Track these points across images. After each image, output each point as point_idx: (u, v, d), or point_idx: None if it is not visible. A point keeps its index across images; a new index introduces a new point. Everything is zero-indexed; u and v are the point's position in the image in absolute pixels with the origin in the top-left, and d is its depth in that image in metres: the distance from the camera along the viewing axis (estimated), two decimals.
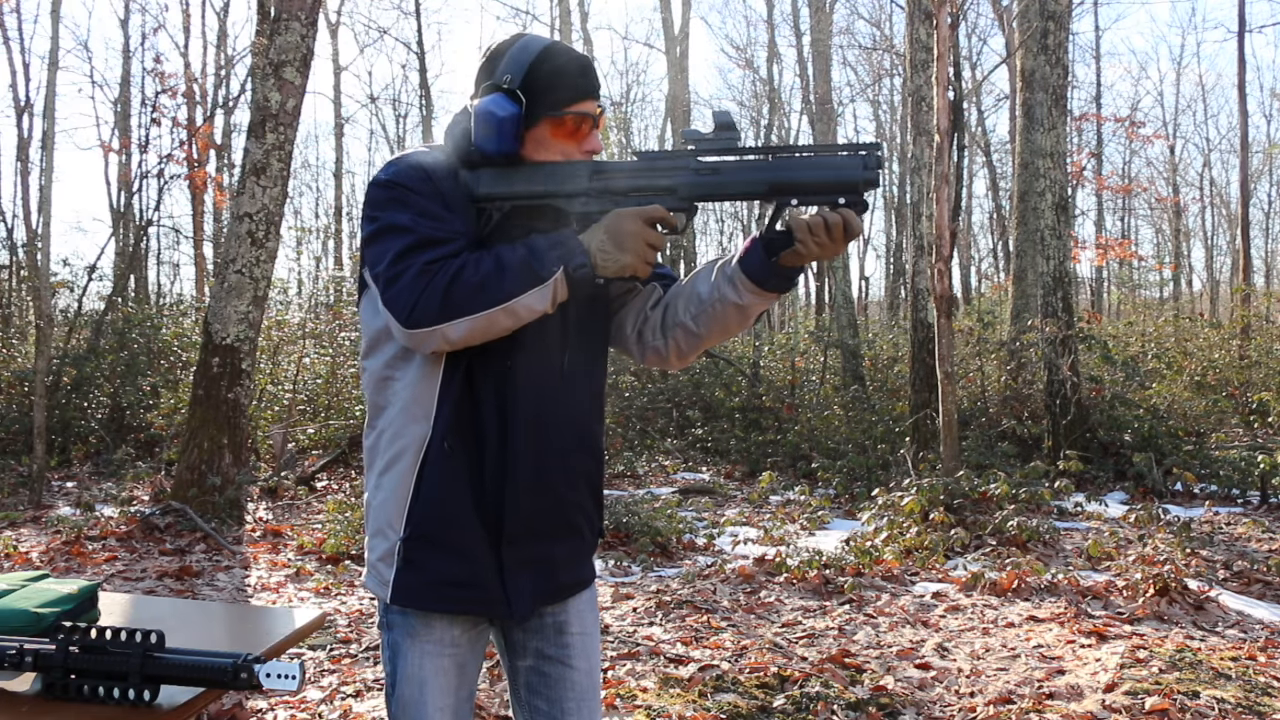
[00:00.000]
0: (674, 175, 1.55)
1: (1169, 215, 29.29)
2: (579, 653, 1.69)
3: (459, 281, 1.44)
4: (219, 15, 23.13)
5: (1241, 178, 17.06)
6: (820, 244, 1.48)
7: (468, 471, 1.54)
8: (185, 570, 5.24)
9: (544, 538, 1.60)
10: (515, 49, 1.58)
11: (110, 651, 1.43)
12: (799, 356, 13.08)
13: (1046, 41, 9.51)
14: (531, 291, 1.46)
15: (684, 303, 1.64)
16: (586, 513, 1.68)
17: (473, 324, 1.45)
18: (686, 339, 1.65)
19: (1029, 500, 6.48)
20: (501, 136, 1.53)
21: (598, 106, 1.61)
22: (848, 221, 1.47)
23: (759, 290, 1.56)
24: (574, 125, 1.58)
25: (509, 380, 1.55)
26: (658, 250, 1.52)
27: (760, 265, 1.55)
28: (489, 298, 1.44)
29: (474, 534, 1.54)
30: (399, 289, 1.45)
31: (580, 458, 1.64)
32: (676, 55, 18.80)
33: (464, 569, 1.55)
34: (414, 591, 1.55)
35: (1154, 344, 14.26)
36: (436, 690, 1.58)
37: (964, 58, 21.78)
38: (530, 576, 1.59)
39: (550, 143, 1.58)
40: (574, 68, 1.58)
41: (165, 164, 14.29)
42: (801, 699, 3.29)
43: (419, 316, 1.44)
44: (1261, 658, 3.68)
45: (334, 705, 3.33)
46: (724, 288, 1.58)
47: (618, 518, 6.12)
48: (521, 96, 1.54)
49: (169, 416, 9.45)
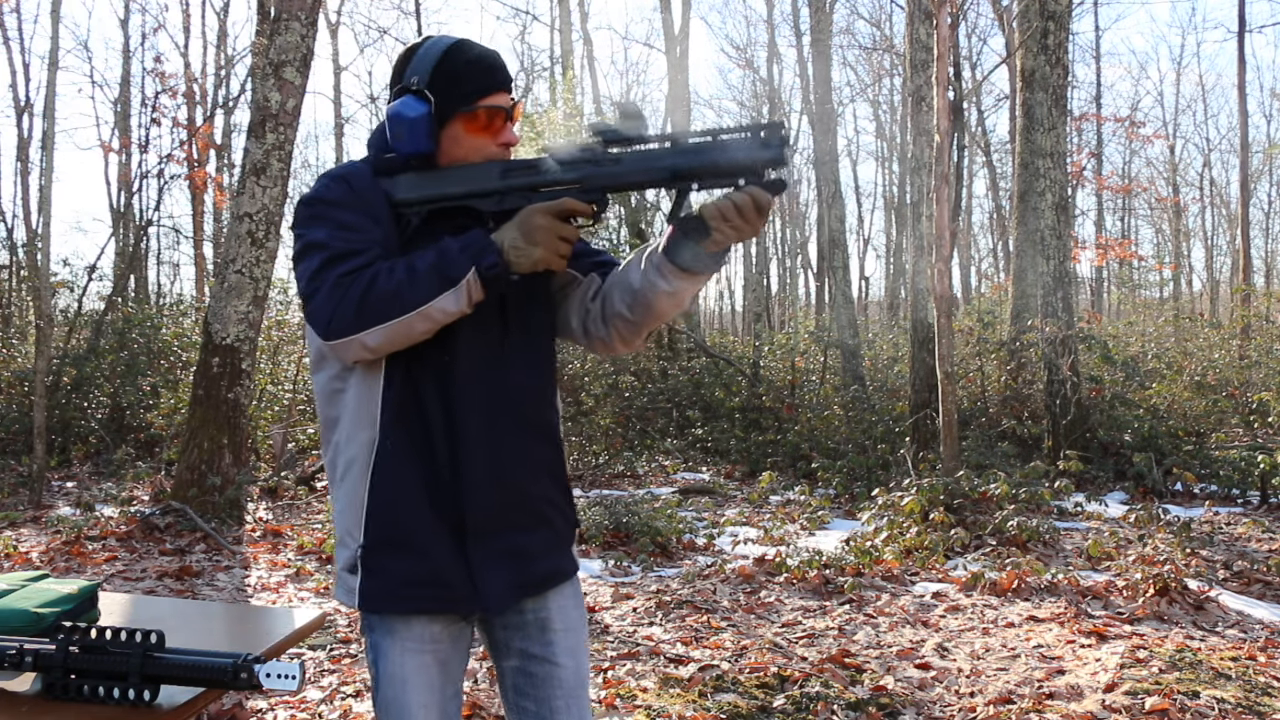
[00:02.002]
0: (580, 168, 1.56)
1: (1169, 215, 29.30)
2: (564, 650, 1.68)
3: (373, 290, 1.46)
4: (219, 15, 23.16)
5: (1241, 178, 17.06)
6: (735, 227, 1.49)
7: (419, 470, 1.55)
8: (185, 570, 5.24)
9: (511, 530, 1.60)
10: (421, 50, 1.60)
11: (110, 651, 1.43)
12: (799, 356, 13.07)
13: (1046, 41, 9.51)
14: (444, 295, 1.47)
15: (619, 293, 1.65)
16: (554, 503, 1.68)
17: (389, 331, 1.47)
18: (626, 327, 1.67)
19: (1029, 500, 6.48)
20: (414, 137, 1.56)
21: (510, 99, 1.62)
22: (756, 199, 1.48)
23: (685, 275, 1.57)
24: (487, 119, 1.59)
25: (450, 373, 1.56)
26: (570, 242, 1.54)
27: (682, 252, 1.55)
28: (402, 304, 1.46)
29: (432, 531, 1.55)
30: (317, 303, 1.48)
31: (536, 446, 1.65)
32: (676, 55, 18.79)
33: (424, 567, 1.55)
34: (378, 596, 1.56)
35: (1154, 344, 14.26)
36: (419, 688, 1.58)
37: (964, 58, 21.77)
38: (503, 569, 1.59)
39: (465, 139, 1.59)
40: (481, 62, 1.59)
41: (165, 164, 14.31)
42: (801, 699, 3.29)
43: (337, 327, 1.47)
44: (1261, 658, 3.68)
45: (334, 705, 3.33)
46: (652, 275, 1.59)
47: (618, 518, 6.12)
48: (430, 96, 1.56)
49: (169, 416, 9.45)
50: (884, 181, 33.32)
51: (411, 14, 27.98)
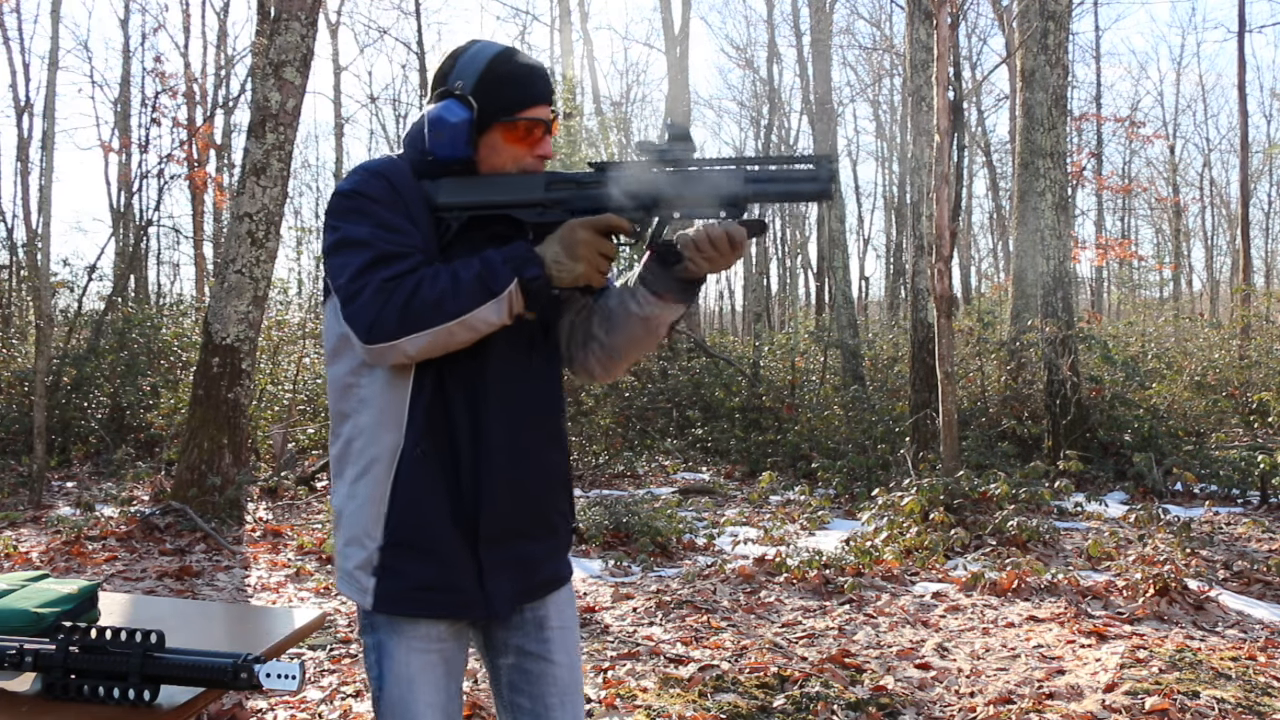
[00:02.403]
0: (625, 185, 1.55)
1: (1169, 215, 29.28)
2: (559, 647, 1.69)
3: (416, 298, 1.45)
4: (219, 15, 23.12)
5: (1241, 178, 17.06)
6: (709, 258, 1.51)
7: (443, 475, 1.55)
8: (185, 570, 5.24)
9: (522, 537, 1.61)
10: (467, 55, 1.59)
11: (110, 651, 1.43)
12: (799, 356, 13.06)
13: (1046, 41, 9.51)
14: (486, 305, 1.47)
15: (598, 317, 1.67)
16: (561, 510, 1.69)
17: (431, 338, 1.47)
18: (601, 351, 1.68)
19: (1029, 500, 6.48)
20: (454, 142, 1.55)
21: (551, 112, 1.62)
22: (730, 235, 1.49)
23: (659, 301, 1.58)
24: (526, 130, 1.59)
25: (479, 381, 1.56)
26: (611, 259, 1.54)
27: (657, 277, 1.57)
28: (445, 313, 1.46)
29: (451, 538, 1.55)
30: (359, 306, 1.47)
31: (551, 454, 1.66)
32: (676, 55, 18.79)
33: (440, 573, 1.55)
34: (394, 598, 1.56)
35: (1154, 344, 14.26)
36: (426, 687, 1.58)
37: (964, 58, 21.78)
38: (510, 577, 1.60)
39: (503, 148, 1.59)
40: (526, 74, 1.59)
41: (165, 164, 14.31)
42: (801, 699, 3.29)
43: (378, 333, 1.46)
44: (1261, 658, 3.68)
45: (334, 705, 3.33)
46: (627, 299, 1.61)
47: (618, 518, 6.11)
48: (473, 102, 1.56)
49: (169, 416, 9.45)
50: (884, 181, 33.35)
51: (411, 14, 28.00)
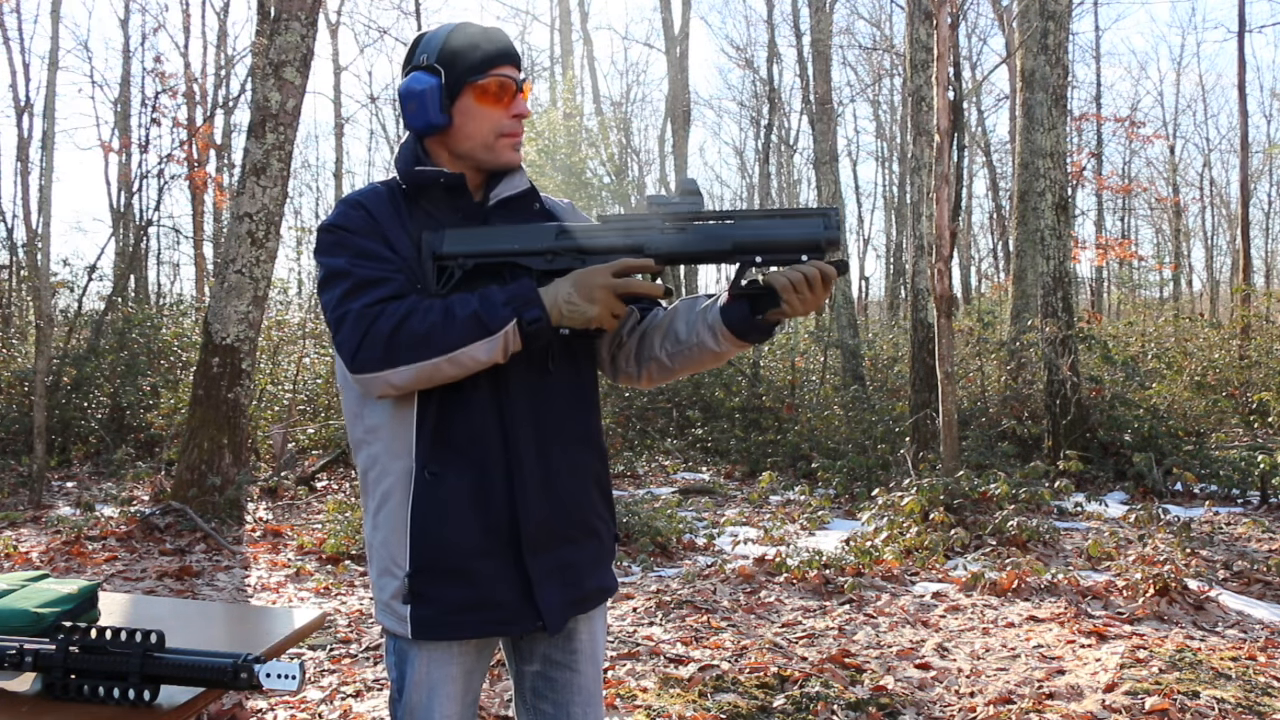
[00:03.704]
0: (640, 235, 1.56)
1: (1169, 215, 29.27)
2: (586, 658, 1.70)
3: (404, 329, 1.45)
4: (219, 15, 23.08)
5: (1241, 178, 17.05)
6: (804, 300, 1.52)
7: (465, 491, 1.53)
8: (185, 570, 5.24)
9: (563, 542, 1.59)
10: (429, 35, 1.62)
11: (110, 651, 1.43)
12: (799, 356, 13.07)
13: (1046, 41, 9.51)
14: (478, 343, 1.46)
15: (660, 338, 1.66)
16: (600, 514, 1.68)
17: (417, 372, 1.46)
18: (659, 370, 1.69)
19: (1029, 500, 6.48)
20: (426, 109, 1.56)
21: (520, 74, 1.62)
22: (824, 272, 1.51)
23: (738, 342, 1.59)
24: (498, 88, 1.59)
25: (497, 385, 1.55)
26: (626, 305, 1.54)
27: (742, 320, 1.57)
28: (433, 348, 1.45)
29: (483, 554, 1.53)
30: (344, 334, 1.48)
31: (584, 454, 1.64)
32: (676, 55, 18.79)
33: (475, 593, 1.54)
34: (431, 624, 1.54)
35: (1154, 344, 14.25)
36: (444, 697, 1.58)
37: (964, 58, 21.78)
38: (558, 586, 1.58)
39: (478, 111, 1.58)
40: (485, 35, 1.60)
41: (165, 164, 14.30)
42: (801, 699, 3.29)
43: (363, 362, 1.46)
44: (1261, 658, 3.68)
45: (334, 705, 3.33)
46: (704, 334, 1.61)
47: (618, 518, 6.11)
48: (439, 68, 1.56)
49: (169, 416, 9.46)
50: (884, 181, 33.31)
51: (411, 14, 27.97)
